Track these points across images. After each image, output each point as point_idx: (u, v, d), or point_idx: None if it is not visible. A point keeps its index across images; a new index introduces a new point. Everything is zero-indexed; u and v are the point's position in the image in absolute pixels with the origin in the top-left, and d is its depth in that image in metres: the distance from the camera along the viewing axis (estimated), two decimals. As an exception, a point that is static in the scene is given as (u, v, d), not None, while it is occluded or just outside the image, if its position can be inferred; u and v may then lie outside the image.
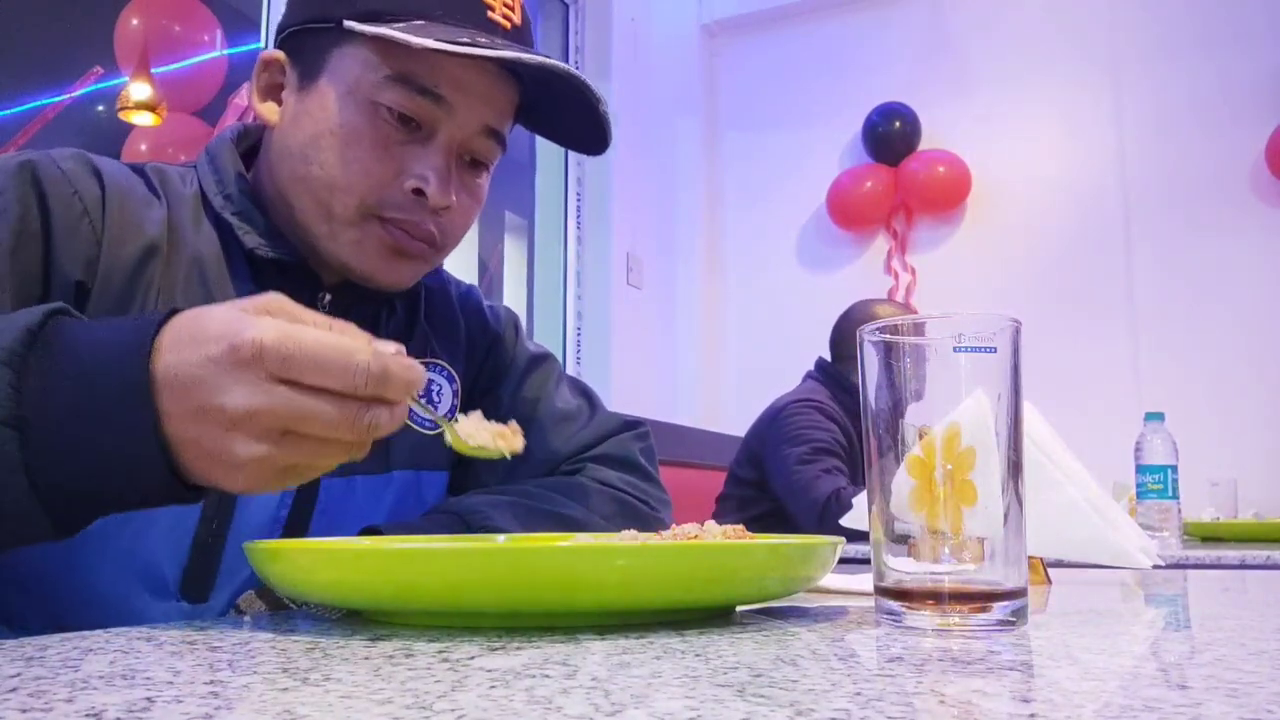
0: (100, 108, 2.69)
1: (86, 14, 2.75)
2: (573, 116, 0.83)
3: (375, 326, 0.85)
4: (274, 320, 0.50)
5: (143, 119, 2.55)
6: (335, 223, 0.77)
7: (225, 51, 2.60)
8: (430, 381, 0.87)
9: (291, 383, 0.49)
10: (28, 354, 0.50)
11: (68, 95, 2.65)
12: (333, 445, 0.52)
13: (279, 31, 0.82)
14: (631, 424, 0.98)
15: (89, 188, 0.72)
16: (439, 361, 0.89)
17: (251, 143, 0.85)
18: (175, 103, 2.56)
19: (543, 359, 0.98)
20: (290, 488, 0.52)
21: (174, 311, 0.53)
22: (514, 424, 0.64)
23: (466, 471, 0.90)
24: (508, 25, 0.79)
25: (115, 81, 2.59)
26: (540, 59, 0.75)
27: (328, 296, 0.81)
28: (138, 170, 0.79)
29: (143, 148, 2.52)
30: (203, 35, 2.56)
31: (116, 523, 0.67)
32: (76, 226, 0.71)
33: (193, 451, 0.50)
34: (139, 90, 2.51)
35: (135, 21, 2.52)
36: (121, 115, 2.54)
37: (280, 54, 0.80)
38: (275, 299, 0.53)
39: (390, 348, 0.52)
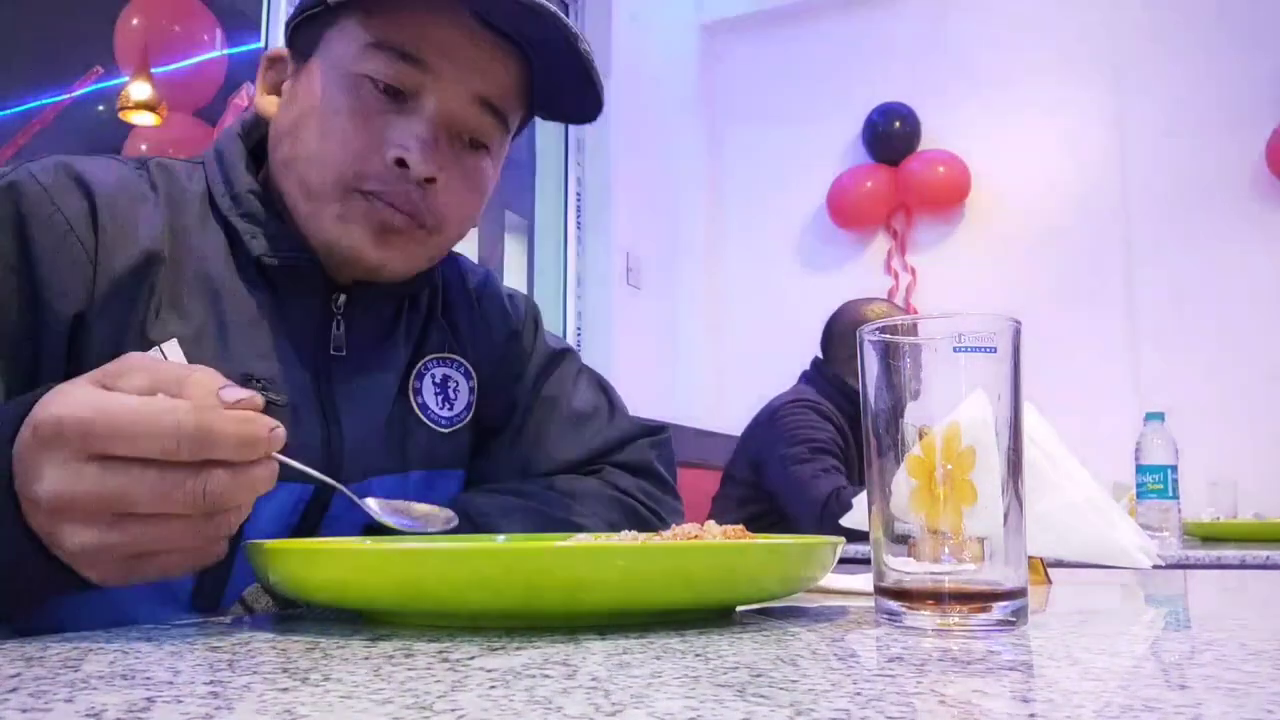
0: (100, 108, 2.69)
1: (86, 14, 2.75)
2: (566, 81, 0.78)
3: (394, 324, 0.83)
4: (87, 390, 0.46)
5: (143, 119, 2.55)
6: (315, 200, 0.73)
7: (225, 51, 2.59)
8: (447, 378, 0.85)
9: (106, 458, 0.44)
10: None
11: (68, 95, 2.65)
12: (176, 524, 0.46)
13: (286, 30, 0.81)
14: (653, 429, 0.96)
15: (71, 202, 0.69)
16: (456, 358, 0.87)
17: (261, 135, 0.81)
18: (175, 103, 2.56)
19: (561, 355, 0.95)
20: (166, 577, 0.48)
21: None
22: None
23: (483, 469, 0.88)
24: None
25: (115, 81, 2.58)
26: None
27: (342, 298, 0.78)
28: (140, 165, 0.76)
29: (143, 148, 2.52)
30: (203, 35, 2.56)
31: None
32: (60, 247, 0.67)
33: (47, 540, 0.47)
34: (139, 90, 2.51)
35: (135, 21, 2.52)
36: (121, 115, 2.54)
37: (283, 50, 0.79)
38: (129, 361, 0.48)
39: (234, 396, 0.46)
